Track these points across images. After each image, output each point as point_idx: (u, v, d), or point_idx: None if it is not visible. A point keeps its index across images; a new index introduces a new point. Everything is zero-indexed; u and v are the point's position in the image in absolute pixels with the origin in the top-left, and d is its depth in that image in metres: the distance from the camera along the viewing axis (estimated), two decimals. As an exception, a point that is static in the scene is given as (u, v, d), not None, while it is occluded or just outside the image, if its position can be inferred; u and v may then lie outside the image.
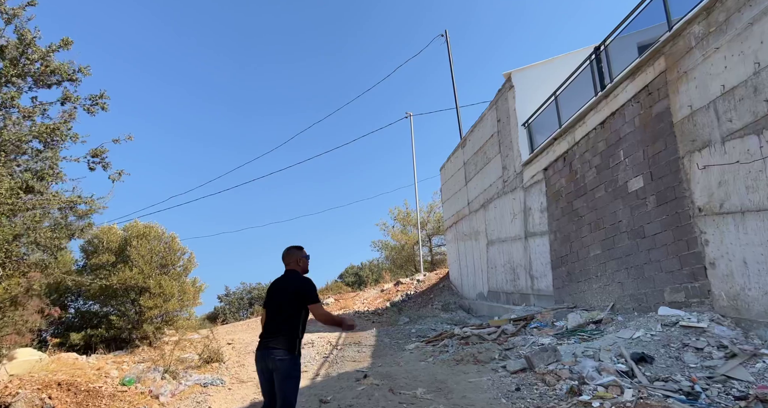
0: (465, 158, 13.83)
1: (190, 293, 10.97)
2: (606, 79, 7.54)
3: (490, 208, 12.12)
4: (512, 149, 10.79)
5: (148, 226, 10.99)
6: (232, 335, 12.91)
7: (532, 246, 9.86)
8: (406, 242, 30.25)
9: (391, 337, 9.37)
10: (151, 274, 10.42)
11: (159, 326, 10.52)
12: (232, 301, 36.24)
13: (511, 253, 10.89)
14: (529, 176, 10.01)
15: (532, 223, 9.88)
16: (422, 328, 9.69)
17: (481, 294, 12.66)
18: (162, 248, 11.01)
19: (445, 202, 15.87)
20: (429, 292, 15.19)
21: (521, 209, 10.37)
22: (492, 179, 11.92)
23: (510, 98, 10.83)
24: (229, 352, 9.83)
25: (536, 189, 9.70)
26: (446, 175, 15.76)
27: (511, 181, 10.86)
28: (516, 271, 10.59)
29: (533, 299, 9.76)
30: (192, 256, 11.60)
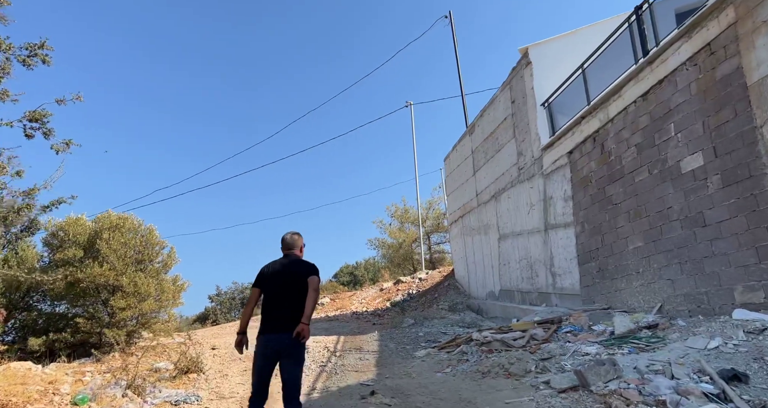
0: (473, 146, 12.75)
1: (169, 292, 9.80)
2: (649, 44, 6.48)
3: (502, 198, 11.05)
4: (529, 133, 9.73)
5: (122, 216, 9.81)
6: (218, 339, 11.75)
7: (553, 239, 8.80)
8: (404, 240, 29.12)
9: (397, 341, 8.28)
10: (124, 271, 9.25)
11: (133, 330, 9.35)
12: (223, 301, 34.97)
13: (527, 248, 9.82)
14: (549, 161, 8.95)
15: (553, 214, 8.81)
16: (430, 332, 8.61)
17: (492, 293, 11.59)
18: (138, 242, 9.84)
19: (450, 195, 14.79)
20: (433, 291, 14.11)
21: (540, 199, 9.31)
22: (505, 167, 10.85)
23: (527, 76, 9.76)
24: (210, 359, 8.69)
25: (559, 175, 8.64)
26: (451, 166, 14.68)
27: (528, 168, 9.79)
28: (534, 267, 9.53)
29: (555, 299, 8.69)
30: (173, 251, 10.44)
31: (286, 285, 3.49)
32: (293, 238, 3.81)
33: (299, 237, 3.85)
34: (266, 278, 3.60)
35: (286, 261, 3.68)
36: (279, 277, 3.55)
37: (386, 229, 30.46)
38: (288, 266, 3.61)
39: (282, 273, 3.57)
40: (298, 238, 3.83)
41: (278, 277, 3.55)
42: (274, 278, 3.57)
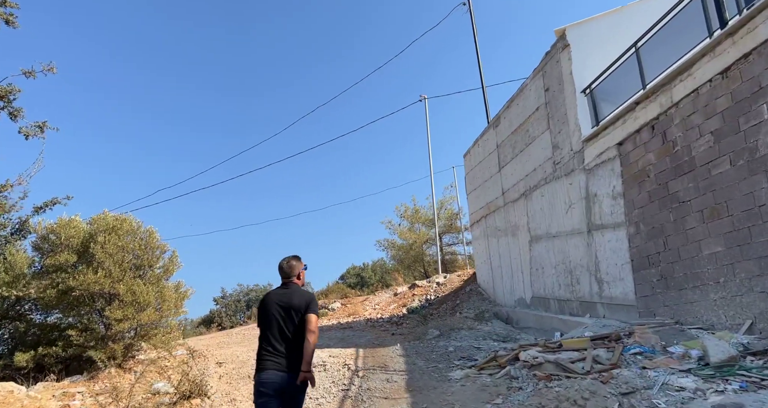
0: (498, 140, 11.79)
1: (171, 300, 8.94)
2: (729, 12, 5.51)
3: (534, 197, 10.08)
4: (567, 123, 8.76)
5: (120, 218, 8.95)
6: (224, 349, 10.87)
7: (598, 242, 7.83)
8: (415, 241, 28.10)
9: (425, 357, 7.35)
10: (121, 278, 8.40)
11: (131, 343, 8.47)
12: (228, 304, 34.18)
13: (566, 252, 8.86)
14: (593, 155, 7.98)
15: (599, 214, 7.84)
16: (462, 346, 7.68)
17: (522, 300, 10.63)
18: (137, 245, 8.98)
19: (471, 194, 13.83)
20: (453, 297, 13.16)
21: (581, 196, 8.34)
22: (537, 162, 9.89)
23: (564, 60, 8.79)
24: (216, 378, 7.79)
25: (605, 170, 7.67)
26: (472, 162, 13.72)
27: (566, 163, 8.82)
28: (574, 273, 8.56)
29: (602, 309, 7.73)
30: (175, 256, 9.58)
31: (283, 320, 3.33)
32: (290, 264, 3.57)
33: (297, 262, 3.60)
34: (263, 312, 3.45)
35: (283, 291, 3.49)
36: (275, 311, 3.37)
37: (395, 229, 29.44)
38: (284, 298, 3.41)
39: (279, 306, 3.38)
40: (295, 264, 3.58)
41: (275, 311, 3.37)
42: (271, 311, 3.39)
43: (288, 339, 3.27)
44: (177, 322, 9.47)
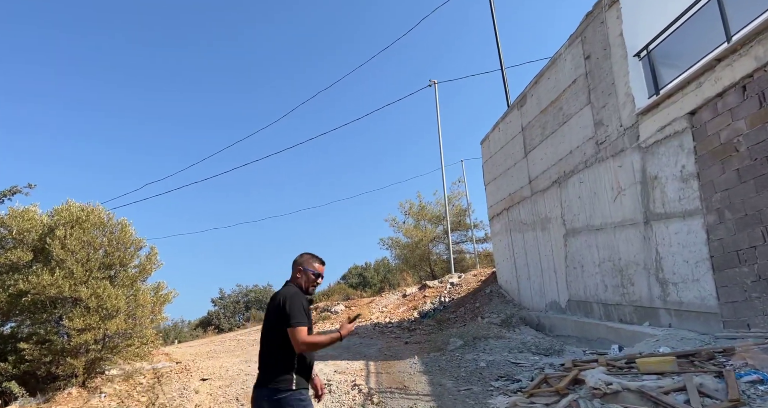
0: (524, 121, 10.40)
1: (147, 305, 7.57)
2: None
3: (570, 184, 8.70)
4: (615, 94, 7.38)
5: (86, 208, 7.59)
6: (213, 360, 9.50)
7: (661, 234, 6.45)
8: (421, 239, 26.69)
9: (452, 375, 5.99)
10: (86, 280, 7.03)
11: (97, 357, 7.11)
12: (226, 305, 32.83)
13: (614, 247, 7.48)
14: (653, 129, 6.60)
15: (661, 200, 6.46)
16: (495, 361, 6.30)
17: (555, 304, 9.24)
18: (106, 241, 7.60)
19: (490, 184, 12.45)
20: (472, 299, 11.78)
21: (636, 180, 6.96)
22: (574, 143, 8.51)
23: (611, 20, 7.41)
24: (199, 397, 6.43)
25: (670, 146, 6.29)
26: (491, 149, 12.34)
27: (614, 142, 7.44)
28: (625, 272, 7.18)
29: (666, 317, 6.35)
30: (153, 253, 8.22)
31: (264, 325, 2.91)
32: (294, 260, 3.04)
33: (299, 257, 3.03)
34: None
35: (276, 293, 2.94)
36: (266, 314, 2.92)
37: (400, 227, 28.01)
38: (270, 301, 2.94)
39: (267, 309, 2.92)
40: (296, 260, 3.02)
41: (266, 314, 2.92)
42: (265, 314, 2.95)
43: (266, 349, 2.82)
44: (155, 330, 8.09)
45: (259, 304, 32.29)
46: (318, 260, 2.98)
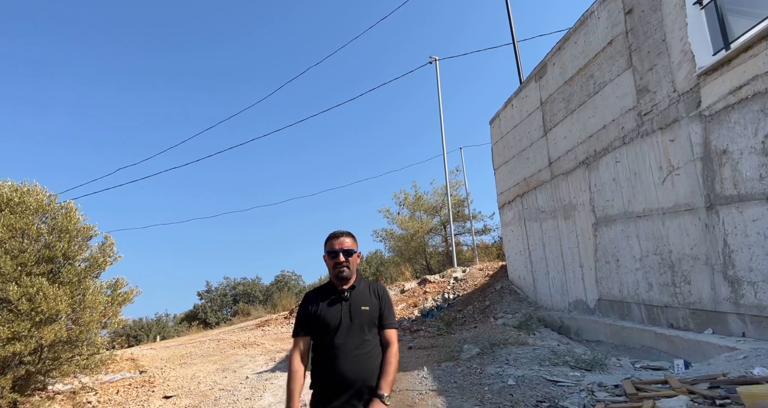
0: (543, 95, 9.11)
1: (97, 307, 6.21)
2: None
3: (602, 164, 7.45)
4: (667, 54, 6.11)
5: (19, 188, 6.20)
6: (186, 368, 8.18)
7: (730, 221, 5.22)
8: (417, 231, 25.43)
9: (475, 397, 4.74)
10: (16, 276, 5.66)
11: (32, 372, 5.76)
12: (213, 299, 31.45)
13: (661, 237, 6.24)
14: (721, 92, 5.34)
15: (732, 179, 5.22)
16: (525, 377, 5.06)
17: (582, 304, 8.03)
18: (46, 229, 6.23)
19: (501, 168, 11.17)
20: (480, 296, 10.55)
21: (693, 157, 5.71)
22: (609, 116, 7.24)
23: (664, -37, 6.11)
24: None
25: (747, 112, 5.03)
26: (502, 129, 11.04)
27: (664, 111, 6.18)
28: (678, 268, 5.96)
29: (738, 323, 5.13)
30: (108, 244, 6.85)
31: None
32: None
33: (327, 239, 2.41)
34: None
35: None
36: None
37: (394, 218, 26.74)
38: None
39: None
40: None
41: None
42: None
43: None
44: (107, 336, 6.75)
45: (247, 297, 30.96)
46: (331, 236, 2.35)
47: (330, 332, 2.13)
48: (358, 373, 2.06)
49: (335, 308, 2.18)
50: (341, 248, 2.26)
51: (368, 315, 2.19)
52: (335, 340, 2.11)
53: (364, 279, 2.38)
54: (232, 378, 7.12)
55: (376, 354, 2.16)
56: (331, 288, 2.28)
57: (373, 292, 2.30)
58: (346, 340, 2.11)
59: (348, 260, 2.26)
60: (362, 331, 2.15)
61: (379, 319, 2.23)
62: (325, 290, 2.30)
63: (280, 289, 30.82)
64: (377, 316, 2.23)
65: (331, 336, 2.12)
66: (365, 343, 2.14)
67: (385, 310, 2.26)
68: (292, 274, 33.93)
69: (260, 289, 31.48)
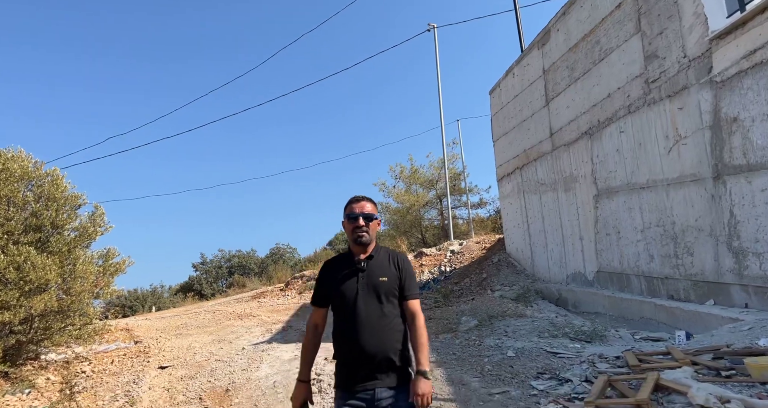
0: (546, 63, 8.82)
1: (88, 277, 6.06)
2: None
3: (605, 135, 7.26)
4: (678, 16, 5.85)
5: (3, 154, 5.95)
6: (181, 339, 8.15)
7: (740, 192, 5.09)
8: (413, 204, 25.30)
9: (474, 368, 4.70)
10: (3, 244, 5.49)
11: (22, 341, 5.67)
12: (208, 270, 31.50)
13: (665, 208, 6.13)
14: (734, 57, 5.12)
15: (742, 148, 5.06)
16: (525, 349, 5.01)
17: (580, 276, 7.98)
18: (33, 195, 6.03)
19: (500, 140, 10.95)
20: (477, 269, 10.51)
21: (702, 125, 5.54)
22: (615, 84, 7.01)
23: None
24: (152, 394, 5.06)
25: (761, 77, 4.83)
26: (502, 99, 10.77)
27: (673, 78, 5.96)
28: (681, 239, 5.87)
29: (742, 294, 5.07)
30: (98, 213, 6.68)
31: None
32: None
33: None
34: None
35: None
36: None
37: (390, 192, 26.56)
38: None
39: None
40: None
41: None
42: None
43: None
44: (99, 307, 6.65)
45: (242, 269, 31.01)
46: (351, 200, 2.25)
47: (347, 305, 2.06)
48: (378, 346, 1.98)
49: (352, 280, 2.09)
50: (361, 212, 2.16)
51: (387, 286, 2.08)
52: (353, 312, 2.03)
53: (383, 248, 2.26)
54: (228, 349, 7.07)
55: (397, 326, 2.07)
56: (349, 258, 2.18)
57: (393, 261, 2.18)
58: (364, 313, 2.03)
59: (368, 225, 2.15)
60: (380, 302, 2.05)
61: (401, 289, 2.12)
62: (343, 260, 2.21)
63: (275, 262, 30.87)
64: (397, 286, 2.11)
65: (348, 308, 2.05)
66: (384, 315, 2.04)
67: (407, 281, 2.13)
68: (287, 246, 33.96)
69: (255, 262, 31.52)
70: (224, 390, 5.09)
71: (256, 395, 4.84)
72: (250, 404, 4.60)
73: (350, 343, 2.01)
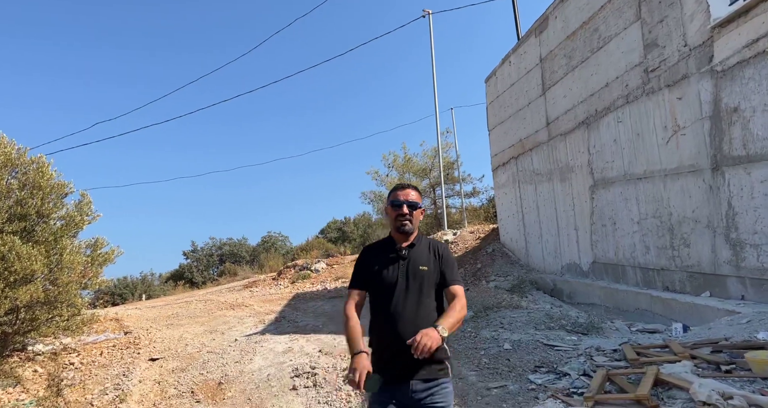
0: (543, 51, 8.69)
1: (76, 268, 5.92)
2: None
3: (602, 124, 7.18)
4: (679, 3, 5.74)
5: (-16, 142, 5.73)
6: (173, 329, 8.04)
7: (739, 183, 5.05)
8: (406, 193, 25.01)
9: (471, 362, 4.66)
10: (-15, 235, 5.30)
11: (7, 333, 5.53)
12: (199, 258, 31.32)
13: (662, 199, 6.09)
14: (736, 46, 5.03)
15: (742, 139, 5.01)
16: (522, 342, 4.98)
17: (575, 267, 7.97)
18: (17, 183, 5.84)
19: (495, 129, 10.84)
20: (472, 259, 10.48)
21: (702, 115, 5.47)
22: (613, 73, 6.92)
23: None
24: (143, 388, 4.97)
25: (763, 67, 4.75)
26: (498, 88, 10.64)
27: (672, 67, 5.87)
28: (678, 231, 5.84)
29: (738, 286, 5.06)
30: (85, 202, 6.49)
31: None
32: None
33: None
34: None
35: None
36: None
37: (383, 180, 26.44)
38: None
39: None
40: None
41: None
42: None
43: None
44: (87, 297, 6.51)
45: (234, 257, 30.84)
46: (396, 186, 2.19)
47: (386, 293, 2.00)
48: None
49: (393, 267, 2.04)
50: (406, 200, 2.10)
51: (427, 275, 2.03)
52: (392, 301, 1.98)
53: (425, 237, 2.22)
54: (220, 340, 6.98)
55: (434, 317, 2.00)
56: (390, 244, 2.13)
57: (433, 250, 2.13)
58: (403, 302, 1.98)
59: (412, 213, 2.10)
60: (420, 292, 2.00)
61: (441, 277, 2.07)
62: (384, 246, 2.14)
63: (267, 250, 30.72)
64: (437, 276, 2.06)
65: (387, 297, 2.00)
66: (423, 305, 1.99)
67: (447, 269, 2.09)
68: (279, 234, 33.82)
69: (247, 250, 31.34)
70: (217, 383, 5.01)
71: (250, 389, 4.76)
72: (243, 398, 4.52)
73: (387, 331, 1.94)
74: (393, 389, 1.91)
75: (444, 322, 1.86)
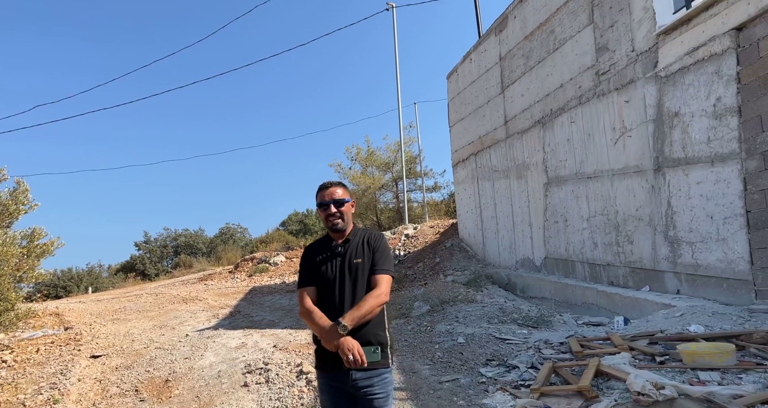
0: (503, 50, 8.84)
1: (10, 260, 5.57)
2: None
3: (557, 124, 7.40)
4: (629, 10, 5.97)
5: None
6: (119, 324, 7.73)
7: (676, 184, 5.33)
8: (369, 187, 25.16)
9: (425, 355, 4.72)
10: None
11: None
12: (152, 249, 30.22)
13: (609, 198, 6.35)
14: (678, 53, 5.28)
15: (681, 142, 5.28)
16: (474, 335, 5.09)
17: (528, 262, 8.20)
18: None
19: (456, 125, 10.97)
20: (430, 253, 10.60)
21: (646, 118, 5.73)
22: (567, 75, 7.12)
23: None
24: (82, 387, 4.75)
25: (701, 74, 5.01)
26: (459, 84, 10.76)
27: (621, 71, 6.11)
28: (623, 228, 6.11)
29: (674, 281, 5.36)
30: (21, 189, 6.11)
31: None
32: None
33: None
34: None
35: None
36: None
37: (346, 173, 26.28)
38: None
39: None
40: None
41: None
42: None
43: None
44: (23, 291, 6.15)
45: (189, 249, 29.95)
46: (320, 187, 2.21)
47: (328, 290, 2.07)
48: (357, 329, 1.95)
49: (330, 264, 2.11)
50: (331, 199, 2.14)
51: (361, 267, 2.08)
52: (333, 297, 2.05)
53: (361, 229, 2.25)
54: (170, 335, 6.77)
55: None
56: (327, 242, 2.19)
57: (366, 241, 2.16)
58: (341, 297, 2.04)
59: (340, 211, 2.14)
60: (355, 285, 2.06)
61: (371, 265, 2.09)
62: (322, 244, 2.20)
63: (225, 242, 30.01)
64: (370, 265, 2.09)
65: (329, 294, 2.07)
66: (358, 297, 2.04)
67: (377, 257, 2.11)
68: (237, 226, 33.10)
69: (203, 241, 30.48)
70: (164, 380, 4.85)
71: (199, 386, 4.64)
72: (192, 395, 4.40)
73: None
74: (336, 378, 2.01)
75: (347, 316, 1.92)
